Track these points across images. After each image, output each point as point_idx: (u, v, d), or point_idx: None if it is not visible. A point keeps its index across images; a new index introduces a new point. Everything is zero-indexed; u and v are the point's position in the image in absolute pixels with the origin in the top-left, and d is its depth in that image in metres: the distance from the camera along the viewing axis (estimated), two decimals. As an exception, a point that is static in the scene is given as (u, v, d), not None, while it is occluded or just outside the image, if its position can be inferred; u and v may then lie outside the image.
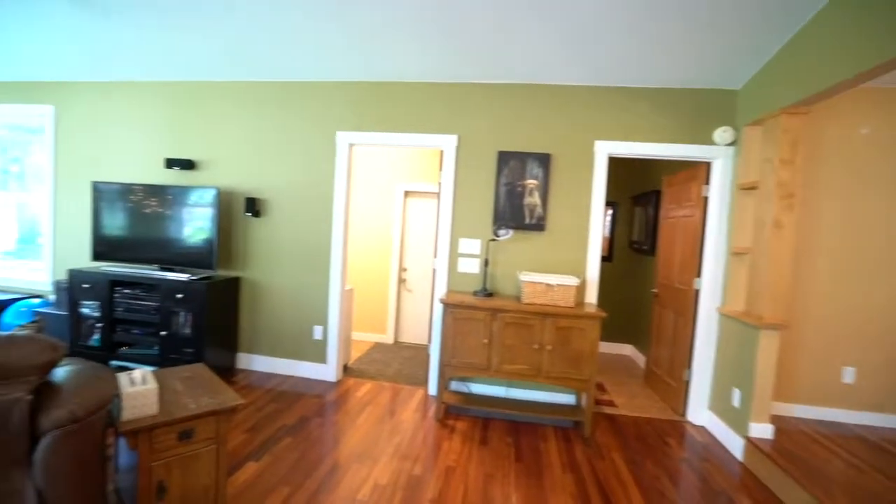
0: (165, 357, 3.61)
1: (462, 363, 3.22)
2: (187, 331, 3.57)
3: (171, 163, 3.99)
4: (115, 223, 3.88)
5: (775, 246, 2.81)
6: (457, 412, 3.43)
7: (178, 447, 1.91)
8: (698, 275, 3.50)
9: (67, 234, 4.42)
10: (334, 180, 3.80)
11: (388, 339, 5.42)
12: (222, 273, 3.97)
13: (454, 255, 3.65)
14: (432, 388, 3.73)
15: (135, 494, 1.86)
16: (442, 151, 3.71)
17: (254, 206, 3.84)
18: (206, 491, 2.00)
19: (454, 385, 3.65)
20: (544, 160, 3.46)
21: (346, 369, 4.23)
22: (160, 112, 4.12)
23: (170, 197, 3.77)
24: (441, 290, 3.64)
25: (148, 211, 3.81)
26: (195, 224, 3.73)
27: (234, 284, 3.92)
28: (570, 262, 3.51)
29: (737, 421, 3.03)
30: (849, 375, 3.26)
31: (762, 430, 2.87)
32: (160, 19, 3.08)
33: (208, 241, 3.69)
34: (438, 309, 3.59)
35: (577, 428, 3.29)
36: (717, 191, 3.37)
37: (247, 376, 3.87)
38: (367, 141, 3.75)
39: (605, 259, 5.51)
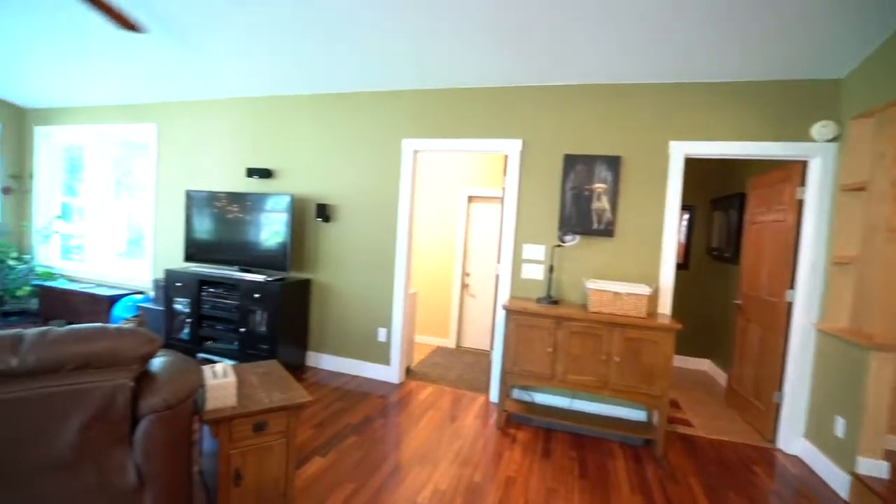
0: (243, 352, 3.88)
1: (525, 371, 3.15)
2: (263, 328, 3.81)
3: (251, 172, 4.30)
4: (203, 227, 4.25)
5: (889, 255, 2.46)
6: (518, 421, 3.36)
7: (253, 438, 2.03)
8: (791, 286, 3.16)
9: (165, 237, 4.91)
10: (399, 186, 3.89)
11: (450, 343, 5.44)
12: (295, 275, 4.20)
13: (518, 261, 3.59)
14: (494, 396, 3.68)
15: (215, 478, 2.00)
16: (506, 156, 3.67)
17: (324, 212, 4.03)
18: (277, 482, 2.11)
19: (516, 393, 3.57)
20: (613, 163, 3.31)
21: (409, 372, 4.30)
22: (242, 125, 4.47)
23: (249, 203, 4.06)
24: (504, 296, 3.60)
25: (230, 216, 4.13)
26: (271, 228, 3.98)
27: (305, 286, 4.13)
28: (640, 270, 3.31)
29: (840, 454, 2.68)
30: None
31: (874, 466, 2.51)
32: (238, 45, 3.34)
33: (282, 245, 3.92)
34: (501, 315, 3.54)
35: (648, 447, 3.09)
36: (815, 192, 3.02)
37: (315, 374, 4.05)
38: (431, 147, 3.81)
39: (681, 267, 5.15)
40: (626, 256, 3.35)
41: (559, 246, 3.43)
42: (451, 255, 5.42)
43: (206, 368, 2.04)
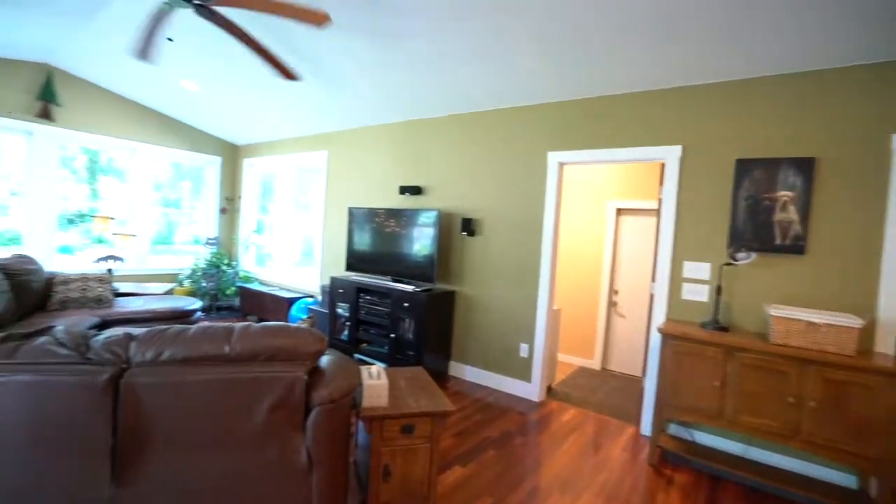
0: (393, 356, 4.18)
1: (685, 405, 2.77)
2: (410, 336, 4.06)
3: (403, 189, 4.67)
4: (362, 240, 4.74)
5: None
6: (675, 461, 2.96)
7: (401, 439, 2.15)
8: None
9: (331, 248, 5.60)
10: (545, 199, 3.82)
11: (594, 364, 5.11)
12: (441, 286, 4.40)
13: (676, 280, 3.21)
14: (645, 428, 3.32)
15: (367, 470, 2.16)
16: (662, 164, 3.34)
17: (469, 226, 4.16)
18: (421, 483, 2.19)
19: (673, 429, 3.17)
20: (805, 166, 2.76)
21: (550, 391, 4.14)
22: (394, 148, 4.90)
23: (401, 218, 4.40)
24: (659, 318, 3.24)
25: (384, 230, 4.53)
26: (420, 241, 4.25)
27: (450, 297, 4.30)
28: (844, 296, 2.67)
29: None
30: None
31: None
32: (378, 79, 3.66)
33: (430, 257, 4.15)
34: (656, 339, 3.20)
35: (859, 520, 2.44)
36: None
37: (457, 383, 4.17)
38: (578, 159, 3.66)
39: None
40: (821, 278, 2.74)
41: (729, 264, 2.97)
42: (597, 271, 5.12)
43: (363, 369, 2.23)
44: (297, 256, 6.52)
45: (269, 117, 5.50)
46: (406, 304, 4.08)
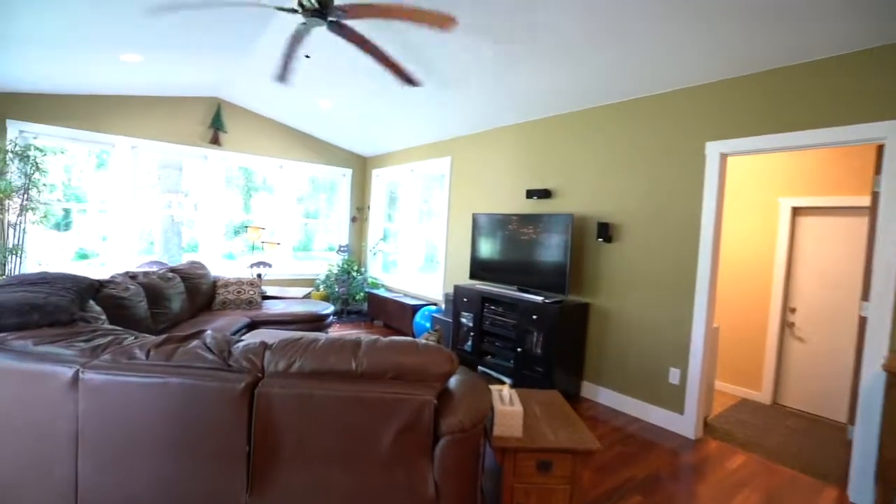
0: (518, 371, 3.89)
1: (930, 473, 2.01)
2: (538, 350, 3.73)
3: (530, 193, 4.37)
4: (486, 247, 4.55)
5: None
6: (912, 547, 2.18)
7: (537, 476, 1.86)
8: None
9: (455, 255, 5.53)
10: (702, 198, 3.22)
11: (761, 397, 4.21)
12: (573, 298, 4.00)
13: (904, 299, 2.40)
14: (856, 493, 2.53)
15: (494, 499, 1.92)
16: (879, 146, 2.54)
17: (605, 231, 3.71)
18: (561, 532, 1.87)
19: (902, 500, 2.35)
20: None
21: (706, 425, 3.47)
22: (520, 149, 4.63)
23: (528, 224, 4.10)
24: (877, 349, 2.45)
25: (511, 236, 4.27)
26: (550, 249, 3.91)
27: (582, 310, 3.88)
28: None
29: None
30: None
31: None
32: (509, 78, 3.40)
33: (561, 266, 3.78)
34: (873, 376, 2.42)
35: None
36: None
37: (591, 407, 3.72)
38: (746, 148, 3.01)
39: None
40: None
41: None
42: (764, 283, 4.23)
43: (494, 390, 2.00)
44: (419, 263, 6.62)
45: (393, 127, 5.66)
46: (534, 317, 3.76)
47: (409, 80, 3.32)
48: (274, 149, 6.40)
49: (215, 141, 5.83)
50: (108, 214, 5.27)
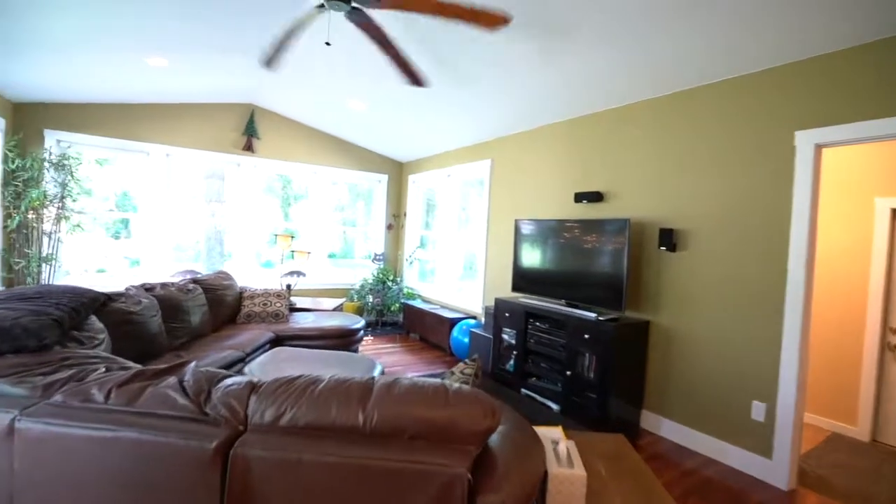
0: (567, 397, 3.43)
1: None
2: (591, 375, 3.26)
3: (579, 196, 3.92)
4: (530, 256, 4.12)
5: None
6: None
7: (604, 555, 1.44)
8: None
9: (495, 265, 5.12)
10: (791, 198, 2.68)
11: (857, 432, 3.55)
12: (630, 314, 3.51)
13: None
14: None
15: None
16: None
17: (669, 239, 3.20)
18: None
19: None
20: None
21: (800, 472, 2.88)
22: (567, 149, 4.18)
23: (578, 231, 3.65)
24: None
25: (557, 245, 3.83)
26: (603, 259, 3.44)
27: (642, 329, 3.38)
28: None
29: None
30: None
31: None
32: (553, 69, 2.99)
33: (617, 279, 3.30)
34: None
35: None
36: None
37: (654, 443, 3.20)
38: (848, 137, 2.47)
39: None
40: None
41: None
42: (859, 297, 3.57)
43: (547, 443, 1.59)
44: (458, 273, 6.25)
45: (429, 127, 5.34)
46: (586, 336, 3.30)
47: (416, 80, 3.06)
48: (307, 154, 6.24)
49: (249, 147, 5.72)
50: (144, 222, 5.24)
